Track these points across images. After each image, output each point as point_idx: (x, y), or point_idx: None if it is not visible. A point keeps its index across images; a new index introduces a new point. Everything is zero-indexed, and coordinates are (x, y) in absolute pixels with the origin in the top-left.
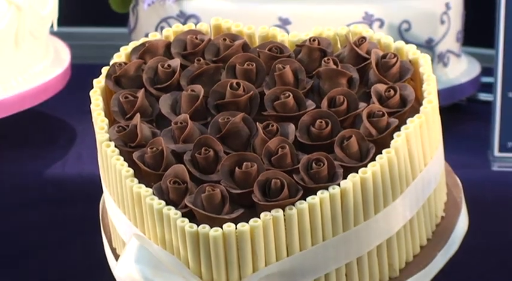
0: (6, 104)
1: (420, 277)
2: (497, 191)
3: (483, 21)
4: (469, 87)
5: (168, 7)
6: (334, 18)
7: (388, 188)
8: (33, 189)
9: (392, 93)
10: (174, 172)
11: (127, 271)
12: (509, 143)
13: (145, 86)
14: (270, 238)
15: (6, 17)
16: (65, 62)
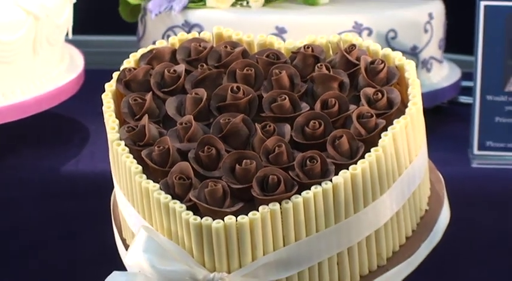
0: (25, 106)
1: (406, 265)
2: (476, 187)
3: (463, 30)
4: (450, 91)
5: (174, 17)
6: (326, 27)
7: (376, 183)
8: (49, 184)
9: (380, 97)
10: (179, 169)
11: (136, 260)
12: (487, 142)
13: (153, 90)
14: (267, 230)
15: (24, 26)
16: (79, 68)
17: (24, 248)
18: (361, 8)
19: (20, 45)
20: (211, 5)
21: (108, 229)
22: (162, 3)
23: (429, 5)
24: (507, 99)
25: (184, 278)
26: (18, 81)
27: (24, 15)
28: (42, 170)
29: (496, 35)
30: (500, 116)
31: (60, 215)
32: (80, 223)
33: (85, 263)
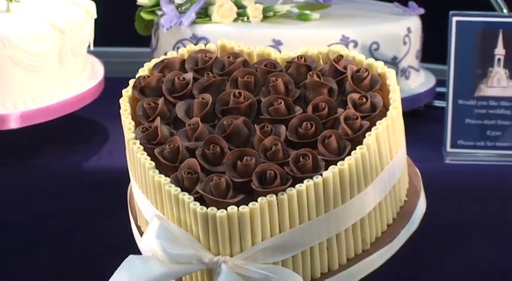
0: (52, 109)
1: (387, 249)
2: (449, 180)
3: (437, 42)
4: (426, 96)
5: (183, 31)
6: (317, 40)
7: (361, 177)
8: (73, 179)
9: (364, 101)
10: (187, 165)
11: (149, 245)
12: (459, 141)
13: (165, 95)
14: (265, 218)
15: (51, 39)
16: (99, 76)
17: (52, 235)
18: (348, 23)
19: (47, 56)
20: (216, 20)
21: (125, 218)
22: (173, 19)
23: (407, 21)
24: (476, 103)
25: (192, 261)
26: (46, 87)
27: (51, 29)
28: (67, 166)
29: (466, 47)
30: (470, 118)
31: (83, 205)
32: (100, 212)
33: (105, 248)
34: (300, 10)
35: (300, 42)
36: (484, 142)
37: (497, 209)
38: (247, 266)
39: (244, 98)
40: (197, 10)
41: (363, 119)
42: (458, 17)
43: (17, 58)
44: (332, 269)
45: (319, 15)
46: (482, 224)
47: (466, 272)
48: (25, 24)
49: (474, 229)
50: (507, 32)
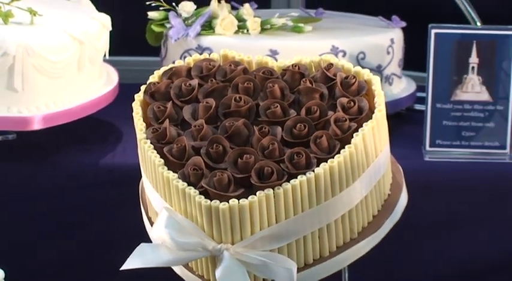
0: (71, 112)
1: (373, 238)
2: (428, 176)
3: (418, 52)
4: (408, 100)
5: (189, 42)
6: (309, 50)
7: (349, 173)
8: (91, 174)
9: (352, 105)
10: (193, 162)
11: (159, 234)
12: (437, 141)
13: (173, 99)
14: (263, 210)
15: (71, 49)
16: (114, 82)
17: (71, 226)
18: (337, 34)
19: (67, 64)
20: (219, 32)
21: (137, 210)
22: (180, 31)
23: (391, 33)
24: (452, 107)
25: (197, 248)
26: (66, 92)
27: (70, 40)
28: (85, 163)
29: (443, 56)
30: (447, 120)
31: (99, 199)
32: (115, 205)
33: (118, 236)
34: (294, 23)
35: (294, 52)
36: (459, 141)
37: (471, 201)
38: (246, 253)
39: (244, 102)
40: (202, 23)
41: (350, 121)
42: (436, 29)
43: (40, 66)
44: (323, 256)
45: (311, 27)
46: (458, 216)
47: (442, 259)
48: (47, 35)
49: (451, 219)
50: (480, 43)
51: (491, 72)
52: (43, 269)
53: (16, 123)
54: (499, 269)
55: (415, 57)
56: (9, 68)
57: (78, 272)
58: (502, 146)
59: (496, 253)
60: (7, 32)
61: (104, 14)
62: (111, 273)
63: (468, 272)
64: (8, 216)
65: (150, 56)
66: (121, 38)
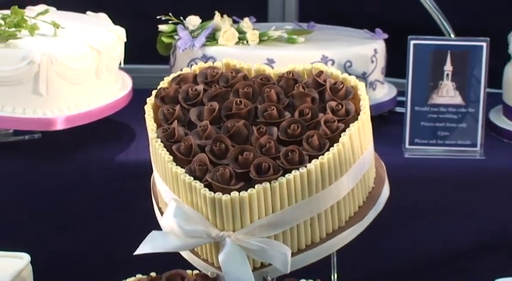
0: (90, 114)
1: (358, 226)
2: (408, 171)
3: (398, 61)
4: (389, 104)
5: (195, 51)
6: (302, 59)
7: (337, 168)
8: (107, 169)
9: (340, 107)
10: (199, 158)
11: (168, 222)
12: (415, 139)
13: (180, 103)
14: (261, 201)
15: (89, 58)
16: (128, 87)
17: (89, 215)
18: (327, 45)
19: (87, 71)
20: (222, 43)
21: (148, 201)
22: (187, 42)
23: (374, 43)
24: (429, 109)
25: (202, 235)
26: (86, 96)
27: (89, 50)
28: (102, 160)
29: (421, 64)
30: (425, 121)
31: (114, 191)
32: (129, 197)
33: (132, 225)
34: (289, 35)
35: (288, 60)
36: (435, 140)
37: (445, 193)
38: (246, 239)
39: (244, 105)
40: (207, 35)
41: (339, 122)
42: (415, 41)
43: (63, 73)
44: (314, 242)
45: (304, 39)
46: (434, 206)
47: (419, 244)
48: (69, 46)
49: (428, 209)
50: (454, 53)
51: (464, 79)
52: (65, 254)
53: (41, 124)
54: (469, 254)
55: (396, 66)
56: (35, 75)
57: (96, 258)
58: (473, 144)
59: (468, 240)
60: (33, 42)
61: (119, 26)
62: (125, 258)
63: (440, 256)
64: (33, 207)
65: (161, 64)
66: (134, 48)
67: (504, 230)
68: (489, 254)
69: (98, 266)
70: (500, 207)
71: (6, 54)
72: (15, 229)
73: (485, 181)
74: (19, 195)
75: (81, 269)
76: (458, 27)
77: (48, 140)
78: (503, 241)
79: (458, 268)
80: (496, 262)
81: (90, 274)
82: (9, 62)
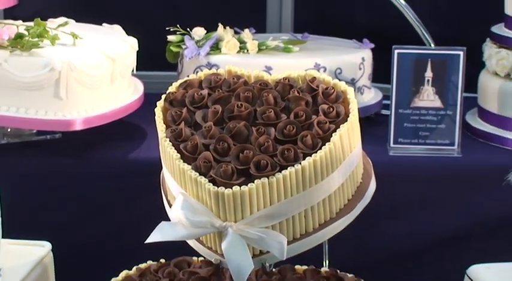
0: (106, 116)
1: (347, 217)
2: (392, 168)
3: (384, 68)
4: (376, 107)
5: (201, 59)
6: (297, 66)
7: (329, 165)
8: (120, 166)
9: (331, 110)
10: (204, 156)
11: (176, 214)
12: (399, 139)
13: (187, 106)
14: (260, 195)
15: (105, 65)
16: (140, 92)
17: (104, 207)
18: (319, 54)
19: (102, 77)
20: (224, 52)
21: (158, 195)
22: (193, 51)
23: (362, 52)
24: (411, 112)
25: (207, 225)
26: (102, 100)
27: (105, 58)
28: (117, 157)
29: (404, 71)
30: (407, 123)
31: (127, 186)
32: (140, 191)
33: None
34: (285, 45)
35: (284, 68)
36: (417, 139)
37: (426, 187)
38: (246, 229)
39: (244, 108)
40: (211, 45)
41: (330, 123)
42: (398, 50)
43: (81, 79)
44: (308, 232)
45: (298, 48)
46: (416, 199)
47: (402, 233)
48: (86, 54)
49: (410, 202)
50: (434, 61)
51: (443, 84)
52: (83, 242)
53: (61, 125)
54: (448, 242)
55: (381, 72)
56: (56, 81)
57: (111, 246)
58: (451, 143)
59: (446, 230)
60: (54, 51)
61: (132, 37)
62: (137, 246)
63: (422, 244)
64: (53, 199)
65: (169, 71)
66: (146, 56)
67: (479, 221)
68: (466, 242)
69: (112, 254)
70: (475, 200)
71: (29, 62)
72: (38, 220)
73: (462, 177)
74: (41, 189)
75: (97, 256)
76: (438, 38)
77: (68, 140)
78: (479, 231)
79: (437, 255)
80: (472, 250)
81: (105, 261)
82: (33, 69)
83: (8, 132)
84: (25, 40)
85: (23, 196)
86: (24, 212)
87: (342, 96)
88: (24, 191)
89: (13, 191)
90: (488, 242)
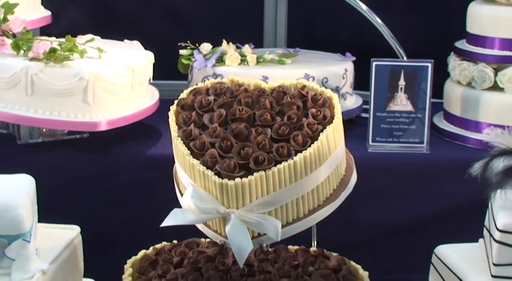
0: (127, 118)
1: (333, 204)
2: (370, 162)
3: (363, 77)
4: (357, 110)
5: (208, 70)
6: (289, 76)
7: (317, 160)
8: (140, 161)
9: (319, 113)
10: (210, 153)
11: (186, 202)
12: (376, 138)
13: (196, 110)
14: (258, 186)
15: (126, 75)
16: (156, 98)
17: (125, 197)
18: (309, 65)
19: (124, 86)
20: (228, 64)
21: (171, 185)
22: (201, 63)
23: (345, 64)
24: (387, 115)
25: (213, 212)
26: (123, 104)
27: (126, 69)
28: (136, 153)
29: (381, 80)
30: (384, 124)
31: (145, 178)
32: (156, 182)
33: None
34: (279, 58)
35: (279, 77)
36: (391, 138)
37: (399, 179)
38: (247, 215)
39: (245, 112)
40: (216, 58)
41: (318, 125)
42: (376, 62)
43: (105, 87)
44: (299, 217)
45: (291, 61)
46: (391, 189)
47: (378, 219)
48: (110, 66)
49: (386, 191)
50: (406, 71)
51: (414, 91)
52: (107, 226)
53: (89, 126)
54: (417, 226)
55: (361, 81)
56: (84, 89)
57: (131, 229)
58: (421, 141)
59: (416, 215)
60: (82, 63)
61: (149, 51)
62: (154, 229)
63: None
64: (82, 189)
65: (181, 80)
66: (161, 67)
67: (445, 208)
68: (434, 225)
69: (132, 236)
70: (442, 190)
71: (61, 72)
72: (68, 207)
73: (430, 170)
74: (71, 180)
75: (120, 238)
76: (409, 52)
77: (94, 139)
78: (444, 216)
79: (409, 236)
80: (438, 232)
81: (126, 242)
82: (64, 79)
83: (43, 132)
84: (58, 54)
85: (56, 186)
86: (56, 200)
87: (328, 101)
88: (56, 183)
89: (47, 183)
90: (453, 225)
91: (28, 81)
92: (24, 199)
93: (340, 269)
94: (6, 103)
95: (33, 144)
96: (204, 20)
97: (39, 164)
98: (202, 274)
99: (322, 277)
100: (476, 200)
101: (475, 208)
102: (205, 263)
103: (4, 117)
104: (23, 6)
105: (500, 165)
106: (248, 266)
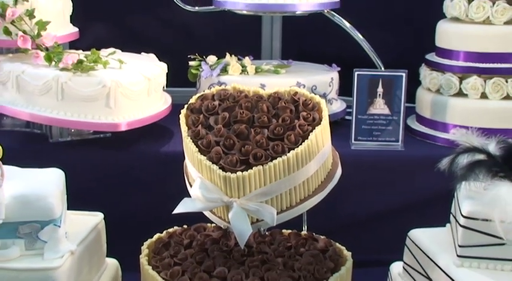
0: (144, 120)
1: (321, 195)
2: (353, 158)
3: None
4: (341, 113)
5: (213, 79)
6: (283, 84)
7: (307, 156)
8: (155, 157)
9: (309, 116)
10: (215, 150)
11: (195, 192)
12: (358, 137)
13: (203, 113)
14: (256, 178)
15: (143, 83)
16: (169, 103)
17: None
18: (300, 75)
19: (141, 92)
20: (231, 73)
21: (182, 178)
22: (208, 73)
23: (331, 74)
24: (368, 117)
25: (218, 201)
26: (140, 108)
27: (143, 78)
28: (152, 150)
29: (362, 87)
30: (365, 125)
31: (160, 171)
32: (169, 175)
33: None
34: (275, 68)
35: (275, 85)
36: (371, 137)
37: (378, 172)
38: (247, 203)
39: (245, 115)
40: (221, 68)
41: (308, 126)
42: (358, 72)
43: (125, 93)
44: (292, 205)
45: (285, 71)
46: (371, 181)
47: (360, 208)
48: (129, 75)
49: (366, 184)
50: (384, 80)
51: (390, 97)
52: (127, 213)
53: (110, 126)
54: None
55: (345, 88)
56: (107, 95)
57: (147, 216)
58: (396, 140)
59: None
60: (105, 73)
61: (163, 62)
62: (166, 216)
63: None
64: (105, 182)
65: (190, 88)
66: (173, 76)
67: (418, 197)
68: (408, 212)
69: (148, 221)
70: (415, 182)
71: (87, 80)
72: (93, 197)
73: (404, 165)
74: (95, 174)
75: (137, 223)
76: (387, 63)
77: (115, 138)
78: (417, 204)
79: (386, 222)
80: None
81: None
82: (90, 86)
83: (71, 132)
84: (84, 64)
85: (82, 179)
86: (83, 191)
87: (317, 106)
88: (83, 176)
89: (75, 176)
90: (424, 212)
91: (59, 88)
92: (55, 190)
93: (327, 250)
94: (40, 107)
95: (63, 142)
96: (210, 36)
97: (68, 160)
98: (208, 254)
99: (312, 256)
100: (444, 190)
101: (443, 197)
102: (211, 244)
103: (38, 119)
104: (54, 24)
105: (465, 160)
106: (248, 248)
